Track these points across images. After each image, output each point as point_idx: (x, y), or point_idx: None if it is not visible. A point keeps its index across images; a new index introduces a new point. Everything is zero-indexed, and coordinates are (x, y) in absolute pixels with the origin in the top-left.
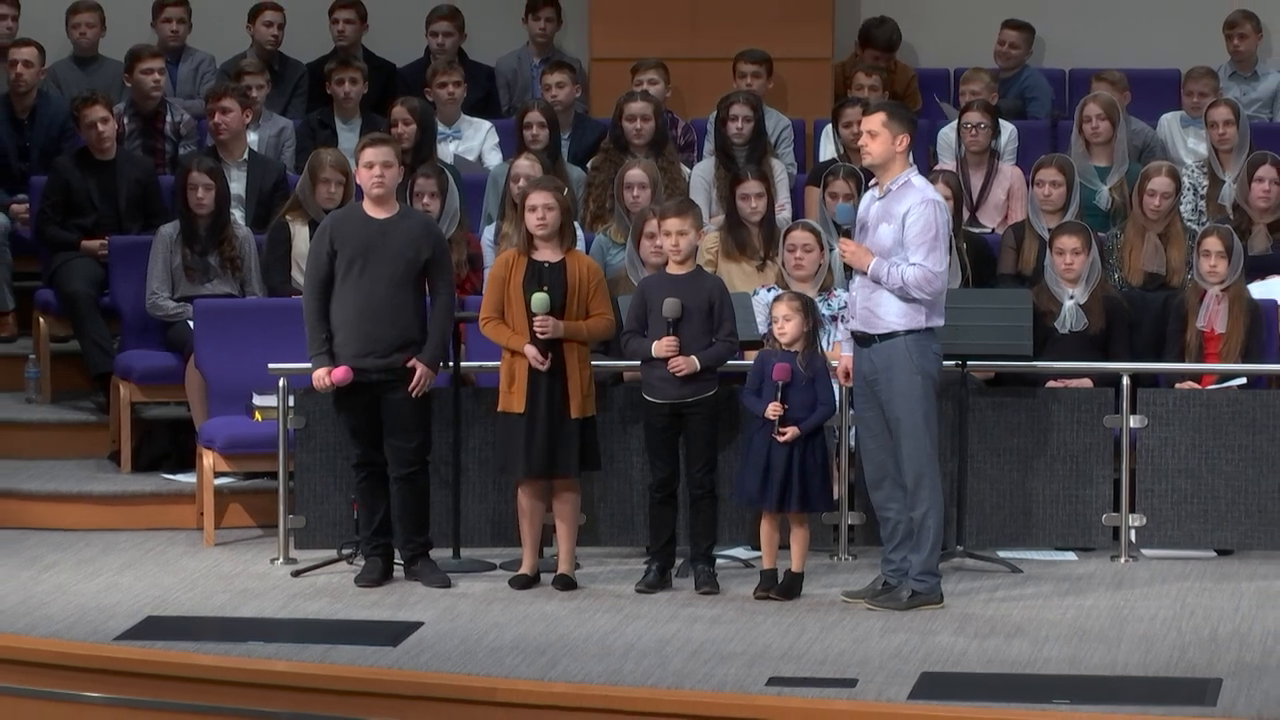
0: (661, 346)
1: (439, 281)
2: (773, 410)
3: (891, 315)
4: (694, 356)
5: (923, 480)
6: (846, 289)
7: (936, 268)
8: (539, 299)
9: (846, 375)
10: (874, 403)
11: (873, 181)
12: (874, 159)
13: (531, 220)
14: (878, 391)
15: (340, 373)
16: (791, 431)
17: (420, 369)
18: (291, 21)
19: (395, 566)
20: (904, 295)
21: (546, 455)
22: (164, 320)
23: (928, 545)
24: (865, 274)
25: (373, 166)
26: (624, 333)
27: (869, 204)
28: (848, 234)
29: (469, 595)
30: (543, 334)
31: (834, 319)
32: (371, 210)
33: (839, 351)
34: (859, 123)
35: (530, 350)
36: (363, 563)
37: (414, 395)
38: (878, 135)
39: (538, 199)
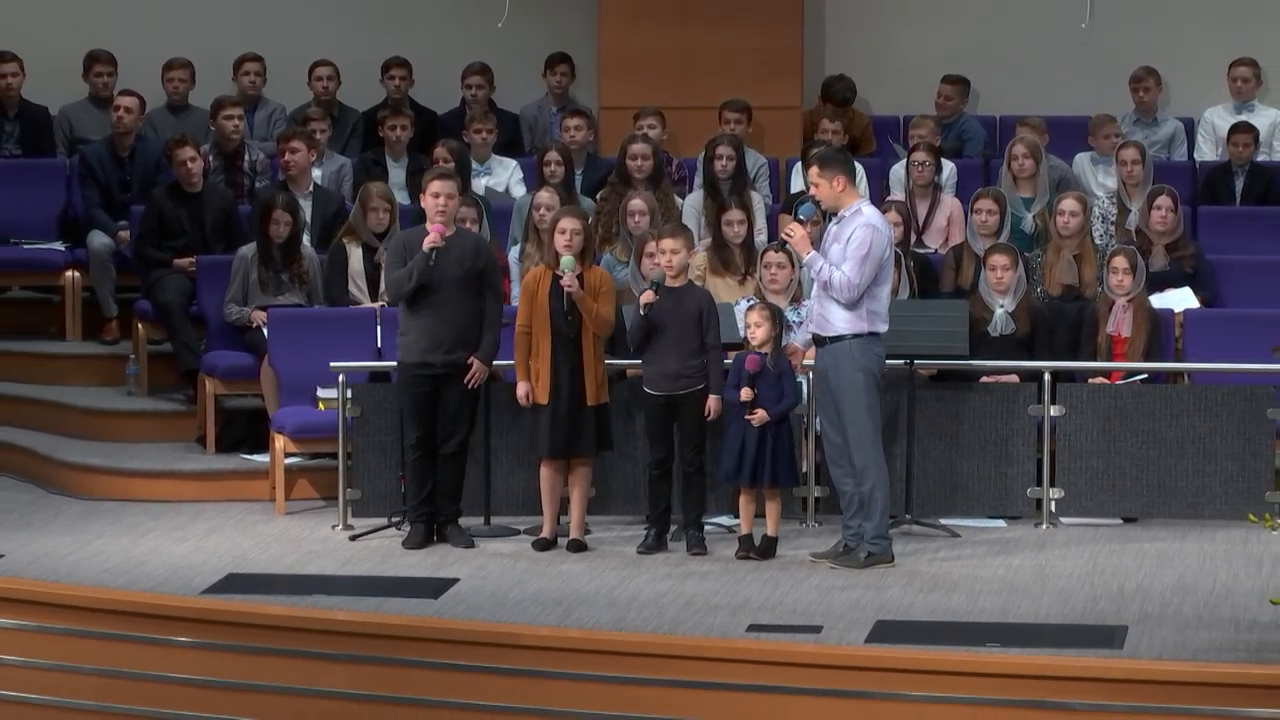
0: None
1: (488, 290)
2: (745, 394)
3: (839, 321)
4: (713, 397)
5: (867, 461)
6: None
7: (856, 279)
8: (567, 261)
9: (799, 354)
10: (828, 394)
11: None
12: (824, 203)
13: (560, 241)
14: (829, 385)
15: (438, 228)
16: (760, 414)
17: (477, 365)
18: (349, 77)
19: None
20: (827, 291)
21: (566, 438)
22: (238, 326)
23: (877, 514)
24: (804, 259)
25: (438, 196)
26: (629, 334)
27: (830, 226)
28: (801, 224)
29: (498, 556)
30: (568, 287)
31: (803, 325)
32: None
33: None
34: None
35: (520, 388)
36: (408, 529)
37: (470, 386)
38: (819, 184)
39: (568, 224)
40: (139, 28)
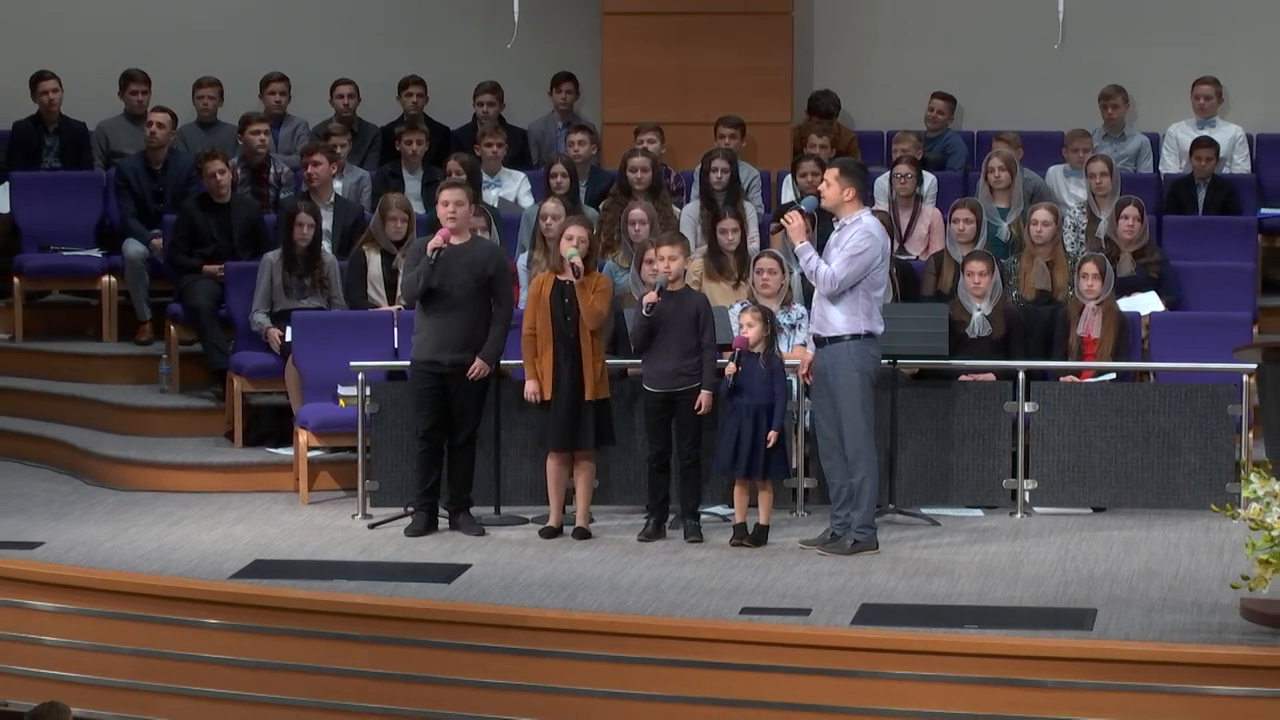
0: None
1: (497, 295)
2: (729, 369)
3: (838, 322)
4: (705, 392)
5: (860, 454)
6: (804, 303)
7: (840, 274)
8: (571, 251)
9: (808, 369)
10: (826, 391)
11: (834, 217)
12: (826, 202)
13: (567, 248)
14: (827, 383)
15: (444, 231)
16: (773, 437)
17: (478, 363)
18: (369, 95)
19: (439, 520)
20: (812, 280)
21: (568, 432)
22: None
23: (865, 504)
24: (796, 247)
25: (448, 204)
26: (631, 334)
27: (832, 235)
28: (802, 214)
29: (507, 543)
30: (573, 263)
31: (793, 327)
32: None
33: (799, 351)
34: (813, 174)
35: (529, 387)
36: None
37: (471, 380)
38: (831, 185)
39: (575, 231)
40: (171, 49)
